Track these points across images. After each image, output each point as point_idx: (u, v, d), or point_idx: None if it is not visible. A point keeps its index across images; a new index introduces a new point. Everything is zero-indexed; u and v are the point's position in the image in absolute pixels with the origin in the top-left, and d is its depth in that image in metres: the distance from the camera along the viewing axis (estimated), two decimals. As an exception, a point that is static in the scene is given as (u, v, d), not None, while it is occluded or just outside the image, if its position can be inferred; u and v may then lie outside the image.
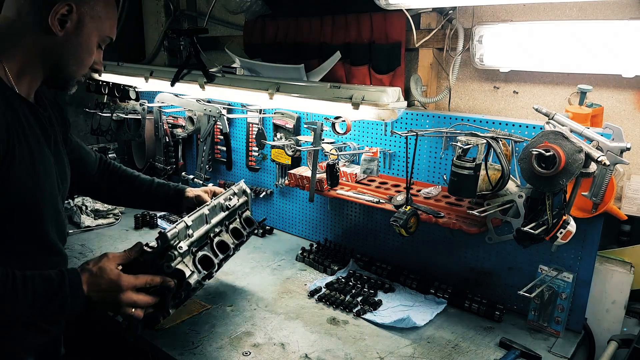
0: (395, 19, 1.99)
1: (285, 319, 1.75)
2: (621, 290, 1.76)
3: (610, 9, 1.68)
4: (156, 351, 1.58)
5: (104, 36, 1.37)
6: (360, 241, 2.27)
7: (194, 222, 1.52)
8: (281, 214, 2.58)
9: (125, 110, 2.96)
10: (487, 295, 1.89)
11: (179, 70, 2.42)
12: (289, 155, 2.25)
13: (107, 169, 1.85)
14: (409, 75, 2.09)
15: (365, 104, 1.75)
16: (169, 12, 3.03)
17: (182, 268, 1.40)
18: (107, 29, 1.37)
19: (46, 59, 1.31)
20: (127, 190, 1.85)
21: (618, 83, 1.71)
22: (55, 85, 1.39)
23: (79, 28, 1.29)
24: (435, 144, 1.95)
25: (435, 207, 1.79)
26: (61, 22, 1.26)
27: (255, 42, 2.48)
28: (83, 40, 1.31)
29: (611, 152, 1.39)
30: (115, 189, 1.84)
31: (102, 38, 1.37)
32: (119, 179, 1.85)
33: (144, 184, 1.86)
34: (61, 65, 1.33)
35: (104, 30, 1.36)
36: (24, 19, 1.26)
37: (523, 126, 1.73)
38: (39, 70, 1.32)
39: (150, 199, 1.86)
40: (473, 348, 1.61)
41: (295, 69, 2.07)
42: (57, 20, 1.25)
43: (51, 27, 1.25)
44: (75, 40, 1.30)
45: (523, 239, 1.49)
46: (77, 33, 1.29)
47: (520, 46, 1.77)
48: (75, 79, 1.38)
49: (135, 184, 1.85)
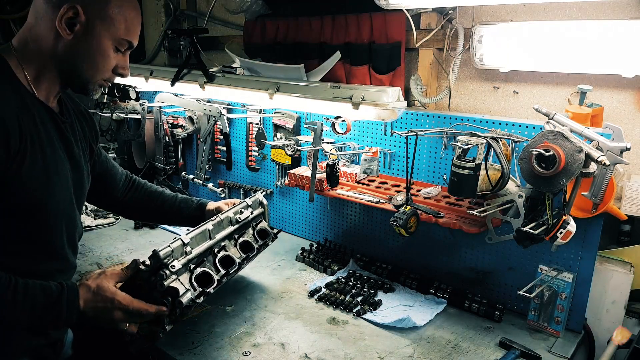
0: (395, 19, 1.99)
1: (285, 319, 1.75)
2: (621, 290, 1.76)
3: (610, 9, 1.68)
4: (156, 351, 1.58)
5: (120, 39, 1.33)
6: (360, 241, 2.27)
7: (193, 239, 1.52)
8: (281, 214, 2.58)
9: (125, 110, 2.96)
10: (487, 295, 1.89)
11: (179, 70, 2.42)
12: (289, 155, 2.25)
13: (132, 186, 1.85)
14: (409, 75, 2.09)
15: (365, 104, 1.76)
16: (169, 12, 3.02)
17: (177, 286, 1.41)
18: (123, 32, 1.33)
19: (61, 64, 1.31)
20: (151, 208, 1.86)
21: (618, 83, 1.71)
22: (75, 90, 1.38)
23: (88, 31, 1.27)
24: (435, 144, 1.95)
25: (435, 207, 1.79)
26: (69, 26, 1.26)
27: (255, 42, 2.48)
28: (94, 43, 1.29)
29: (611, 152, 1.39)
30: (140, 206, 1.85)
31: (117, 41, 1.33)
32: (143, 196, 1.86)
33: (166, 201, 1.87)
34: (76, 69, 1.32)
35: (118, 33, 1.32)
36: (39, 23, 1.28)
37: (523, 126, 1.73)
38: (55, 74, 1.33)
39: (174, 215, 1.87)
40: (473, 348, 1.61)
41: (295, 69, 2.07)
42: (64, 24, 1.25)
43: (59, 30, 1.25)
44: (85, 43, 1.28)
45: (523, 239, 1.49)
46: (87, 36, 1.28)
47: (520, 46, 1.77)
48: (93, 83, 1.36)
49: (159, 201, 1.86)
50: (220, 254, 1.62)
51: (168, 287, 1.39)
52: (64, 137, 1.39)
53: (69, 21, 1.25)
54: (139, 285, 1.38)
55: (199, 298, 1.44)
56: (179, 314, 1.41)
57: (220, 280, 1.56)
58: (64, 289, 1.26)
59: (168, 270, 1.38)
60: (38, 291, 1.22)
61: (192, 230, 1.55)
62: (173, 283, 1.40)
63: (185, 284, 1.44)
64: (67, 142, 1.40)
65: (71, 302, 1.26)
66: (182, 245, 1.47)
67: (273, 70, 2.18)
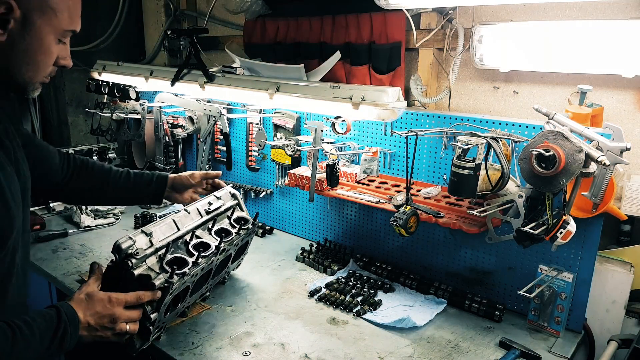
0: (395, 19, 1.99)
1: (285, 319, 1.75)
2: (621, 290, 1.76)
3: (610, 9, 1.68)
4: (156, 351, 1.58)
5: (64, 31, 1.16)
6: (360, 241, 2.26)
7: (157, 229, 1.54)
8: (281, 214, 2.58)
9: (125, 110, 2.96)
10: (487, 295, 1.89)
11: (179, 70, 2.42)
12: (289, 155, 2.25)
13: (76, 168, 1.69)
14: (409, 75, 2.09)
15: (365, 104, 1.76)
16: (169, 12, 3.03)
17: (148, 272, 1.43)
18: (66, 22, 1.15)
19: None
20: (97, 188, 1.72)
21: (618, 83, 1.71)
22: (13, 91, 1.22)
23: (26, 27, 1.09)
24: (435, 144, 1.95)
25: (435, 207, 1.79)
26: (2, 23, 1.06)
27: (255, 42, 2.48)
28: (34, 40, 1.11)
29: (611, 152, 1.39)
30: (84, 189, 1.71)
31: (61, 34, 1.16)
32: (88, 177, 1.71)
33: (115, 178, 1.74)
34: (12, 71, 1.13)
35: (62, 24, 1.14)
36: None
37: (523, 126, 1.73)
38: None
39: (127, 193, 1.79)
40: (473, 348, 1.61)
41: (295, 69, 2.07)
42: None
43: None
44: (23, 42, 1.10)
45: (523, 239, 1.49)
46: (25, 33, 1.09)
47: (520, 46, 1.77)
48: (33, 84, 1.18)
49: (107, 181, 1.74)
50: (194, 241, 1.63)
51: (139, 275, 1.41)
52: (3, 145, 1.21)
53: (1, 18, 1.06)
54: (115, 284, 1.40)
55: (172, 277, 1.45)
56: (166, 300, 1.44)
57: (197, 262, 1.57)
58: (59, 308, 1.22)
59: (134, 259, 1.41)
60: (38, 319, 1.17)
61: (156, 222, 1.58)
62: (144, 271, 1.43)
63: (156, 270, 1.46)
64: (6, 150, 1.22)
65: (71, 316, 1.23)
66: (145, 235, 1.50)
67: (273, 70, 2.18)
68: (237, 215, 1.86)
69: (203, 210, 1.74)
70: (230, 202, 1.88)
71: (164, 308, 1.48)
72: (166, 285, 1.43)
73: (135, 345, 1.46)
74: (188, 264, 1.53)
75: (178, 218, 1.64)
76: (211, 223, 1.75)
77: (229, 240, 1.73)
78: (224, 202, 1.85)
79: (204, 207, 1.76)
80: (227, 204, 1.85)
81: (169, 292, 1.44)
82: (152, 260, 1.47)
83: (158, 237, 1.53)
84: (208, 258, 1.62)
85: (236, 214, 1.87)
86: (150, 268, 1.45)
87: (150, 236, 1.50)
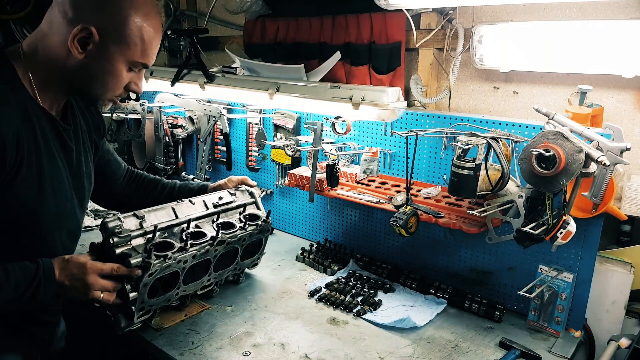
0: (395, 19, 1.99)
1: (285, 319, 1.75)
2: (621, 290, 1.76)
3: (610, 9, 1.68)
4: (156, 351, 1.58)
5: (134, 62, 1.29)
6: (360, 241, 2.27)
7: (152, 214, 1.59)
8: (281, 214, 2.58)
9: (125, 110, 2.96)
10: (487, 295, 1.89)
11: (179, 70, 2.42)
12: (289, 155, 2.25)
13: (131, 179, 1.88)
14: (409, 75, 2.09)
15: (365, 104, 1.76)
16: (169, 12, 3.03)
17: (129, 251, 1.47)
18: (138, 55, 1.28)
19: (70, 78, 1.28)
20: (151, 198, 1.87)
21: (618, 83, 1.71)
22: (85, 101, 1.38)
23: (101, 52, 1.23)
24: (435, 144, 1.95)
25: (435, 207, 1.79)
26: (82, 45, 1.22)
27: (255, 42, 2.48)
28: (106, 64, 1.26)
29: (611, 152, 1.39)
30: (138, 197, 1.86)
31: (132, 63, 1.29)
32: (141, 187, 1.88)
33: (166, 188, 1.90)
34: (84, 86, 1.30)
35: (134, 56, 1.27)
36: (52, 34, 1.24)
37: (523, 126, 1.73)
38: (63, 87, 1.31)
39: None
40: (473, 348, 1.61)
41: (295, 69, 2.07)
42: (76, 43, 1.21)
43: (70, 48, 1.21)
44: (96, 63, 1.25)
45: (523, 239, 1.49)
46: (99, 56, 1.24)
47: (520, 46, 1.77)
48: (103, 99, 1.34)
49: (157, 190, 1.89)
50: (190, 230, 1.64)
51: (121, 253, 1.46)
52: (64, 145, 1.38)
53: (82, 40, 1.21)
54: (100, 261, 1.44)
55: (150, 257, 1.47)
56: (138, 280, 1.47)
57: (185, 248, 1.56)
58: (39, 263, 1.30)
59: (117, 238, 1.46)
60: (18, 270, 1.26)
61: (154, 208, 1.62)
62: (126, 250, 1.47)
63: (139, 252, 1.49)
64: (67, 149, 1.39)
65: (47, 273, 1.29)
66: (136, 217, 1.54)
67: (273, 71, 2.18)
68: (249, 212, 1.87)
69: (211, 203, 1.76)
70: (245, 199, 1.89)
71: (144, 289, 1.50)
72: (143, 264, 1.45)
73: (121, 323, 1.52)
74: (173, 247, 1.55)
75: (179, 207, 1.67)
76: (216, 216, 1.75)
77: (230, 233, 1.72)
78: (237, 199, 1.85)
79: (212, 200, 1.77)
80: (240, 201, 1.86)
81: (148, 271, 1.46)
82: (138, 241, 1.51)
83: (151, 222, 1.56)
84: (200, 246, 1.62)
85: (249, 210, 1.87)
86: (134, 248, 1.49)
87: (142, 219, 1.55)
